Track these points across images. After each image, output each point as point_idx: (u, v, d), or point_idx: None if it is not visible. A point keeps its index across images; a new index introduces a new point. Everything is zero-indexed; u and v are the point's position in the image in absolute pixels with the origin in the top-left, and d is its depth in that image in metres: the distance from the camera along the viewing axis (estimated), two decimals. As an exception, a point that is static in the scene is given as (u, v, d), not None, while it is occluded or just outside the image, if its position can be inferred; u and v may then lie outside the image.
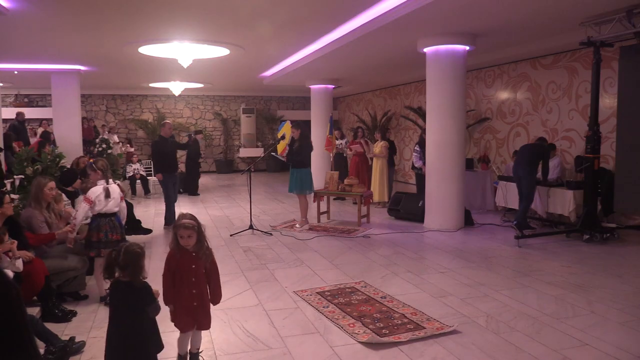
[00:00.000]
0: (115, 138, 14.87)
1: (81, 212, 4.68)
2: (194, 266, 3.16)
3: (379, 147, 10.21)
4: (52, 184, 5.01)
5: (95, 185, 4.70)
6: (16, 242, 3.96)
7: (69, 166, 8.11)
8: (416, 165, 9.51)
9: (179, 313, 3.18)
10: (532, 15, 6.58)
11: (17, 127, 11.80)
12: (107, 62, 10.75)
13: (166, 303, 3.17)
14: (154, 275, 3.55)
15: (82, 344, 3.72)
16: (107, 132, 14.80)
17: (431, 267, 5.83)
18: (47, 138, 10.39)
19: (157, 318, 3.03)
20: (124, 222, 4.92)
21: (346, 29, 7.83)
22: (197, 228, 3.16)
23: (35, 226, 4.73)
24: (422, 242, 7.19)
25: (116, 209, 4.73)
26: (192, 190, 12.55)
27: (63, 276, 4.70)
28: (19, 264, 3.91)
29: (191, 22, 7.26)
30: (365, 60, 10.20)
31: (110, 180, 4.79)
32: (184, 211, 3.62)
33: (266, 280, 5.38)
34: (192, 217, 3.20)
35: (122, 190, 4.91)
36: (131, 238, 7.15)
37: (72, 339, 3.66)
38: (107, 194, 4.64)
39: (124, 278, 2.88)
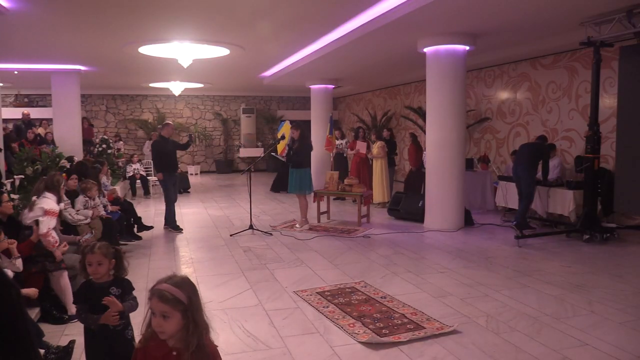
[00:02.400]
0: None
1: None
2: None
3: (376, 147, 10.22)
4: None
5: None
6: (15, 242, 3.95)
7: (68, 166, 8.11)
8: None
9: None
10: (532, 15, 6.58)
11: (20, 128, 11.82)
12: (107, 62, 10.74)
13: None
14: (155, 275, 3.53)
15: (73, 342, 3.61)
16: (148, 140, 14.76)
17: (431, 267, 5.83)
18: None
19: None
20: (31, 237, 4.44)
21: (346, 29, 7.83)
22: (182, 304, 1.80)
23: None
24: (422, 242, 7.19)
25: (27, 222, 4.41)
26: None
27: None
28: (19, 263, 3.90)
29: (191, 22, 7.26)
30: (365, 60, 10.19)
31: (47, 194, 4.59)
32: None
33: (266, 280, 5.38)
34: (181, 283, 1.84)
35: (50, 207, 4.51)
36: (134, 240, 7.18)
37: (71, 342, 3.61)
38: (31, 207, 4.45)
39: None
